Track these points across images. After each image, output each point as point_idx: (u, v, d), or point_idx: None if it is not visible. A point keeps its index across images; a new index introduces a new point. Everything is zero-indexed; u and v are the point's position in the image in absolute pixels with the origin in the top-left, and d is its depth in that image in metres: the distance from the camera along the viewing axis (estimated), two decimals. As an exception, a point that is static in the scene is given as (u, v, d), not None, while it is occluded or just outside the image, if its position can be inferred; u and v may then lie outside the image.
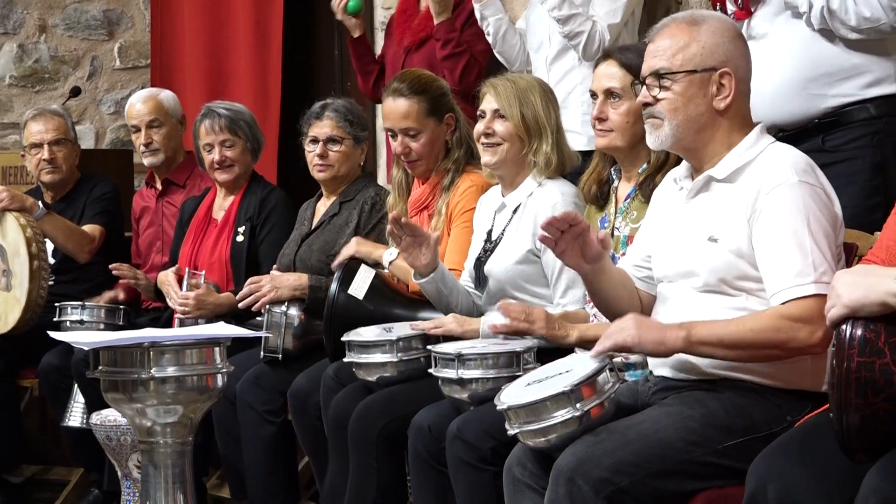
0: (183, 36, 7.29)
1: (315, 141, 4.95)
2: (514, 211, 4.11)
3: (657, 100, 3.22)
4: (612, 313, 3.41)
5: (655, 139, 3.27)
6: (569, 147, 4.18)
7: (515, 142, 4.08)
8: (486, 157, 4.14)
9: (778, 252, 3.09)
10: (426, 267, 4.08)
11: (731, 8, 3.99)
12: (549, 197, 4.04)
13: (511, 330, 3.57)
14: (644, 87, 3.26)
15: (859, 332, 2.50)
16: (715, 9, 4.19)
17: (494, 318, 3.90)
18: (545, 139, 4.08)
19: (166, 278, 5.30)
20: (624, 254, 3.68)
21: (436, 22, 5.30)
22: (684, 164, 3.36)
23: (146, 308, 5.68)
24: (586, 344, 3.44)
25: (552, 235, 3.25)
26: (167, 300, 5.25)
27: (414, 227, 4.08)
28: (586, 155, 4.10)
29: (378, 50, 5.94)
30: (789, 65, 3.42)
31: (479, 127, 4.13)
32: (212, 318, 4.97)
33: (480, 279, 4.11)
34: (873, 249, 2.83)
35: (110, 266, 5.47)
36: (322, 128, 4.95)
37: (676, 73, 3.21)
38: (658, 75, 3.22)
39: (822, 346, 2.98)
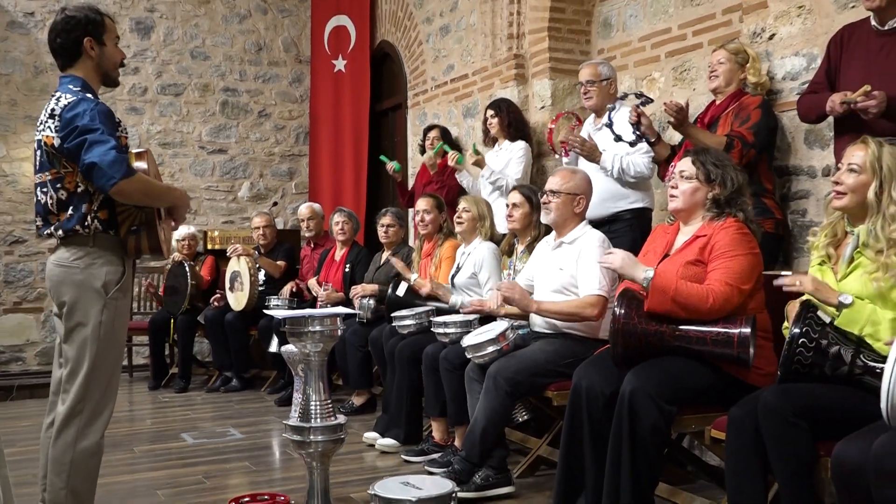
0: (323, 177, 7.24)
1: (382, 226, 4.91)
2: (468, 255, 4.06)
3: (550, 202, 3.24)
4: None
5: (547, 218, 3.29)
6: (496, 230, 4.15)
7: (472, 220, 4.08)
8: (458, 228, 4.14)
9: (586, 277, 3.10)
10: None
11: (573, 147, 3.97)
12: (482, 250, 4.00)
13: (479, 310, 3.53)
14: (545, 195, 3.26)
15: (623, 310, 2.51)
16: (554, 152, 4.14)
17: (459, 300, 3.90)
18: (487, 221, 4.09)
19: (315, 287, 5.31)
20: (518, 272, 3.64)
21: (431, 173, 5.25)
22: (553, 234, 3.35)
23: (305, 300, 5.63)
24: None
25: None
26: (315, 294, 5.23)
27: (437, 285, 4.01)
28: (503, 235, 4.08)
29: (410, 184, 5.93)
30: (597, 191, 3.42)
31: (458, 213, 4.12)
32: (334, 304, 4.95)
33: (453, 285, 4.06)
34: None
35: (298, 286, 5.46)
36: (385, 220, 4.91)
37: (561, 192, 3.23)
38: (553, 191, 3.23)
39: (599, 317, 3.03)
